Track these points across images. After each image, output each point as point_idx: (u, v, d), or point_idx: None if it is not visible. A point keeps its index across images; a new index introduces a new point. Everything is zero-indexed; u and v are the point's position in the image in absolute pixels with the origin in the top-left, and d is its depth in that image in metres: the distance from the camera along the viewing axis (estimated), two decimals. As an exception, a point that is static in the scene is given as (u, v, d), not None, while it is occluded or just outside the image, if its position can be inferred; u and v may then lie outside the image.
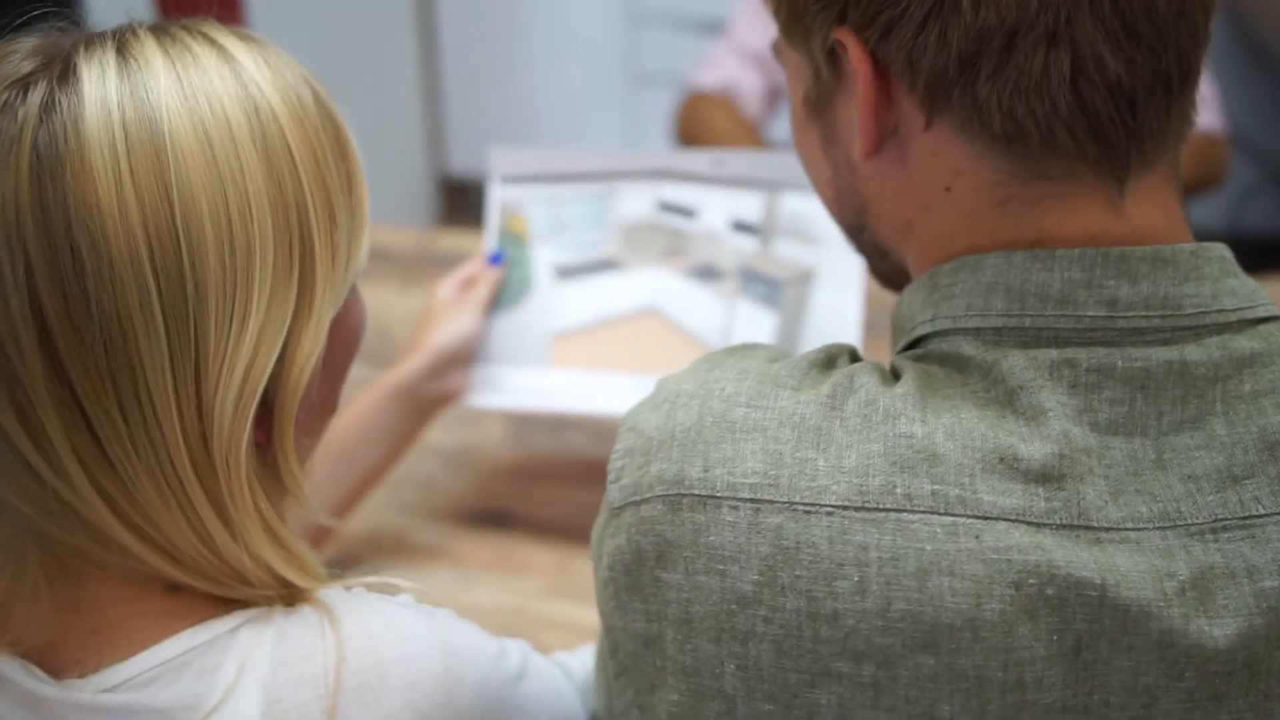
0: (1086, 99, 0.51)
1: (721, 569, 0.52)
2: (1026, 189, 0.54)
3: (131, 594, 0.56)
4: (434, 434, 1.11)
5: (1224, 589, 0.49)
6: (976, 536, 0.49)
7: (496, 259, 1.09)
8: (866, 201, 0.61)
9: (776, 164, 1.05)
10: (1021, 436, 0.51)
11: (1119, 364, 0.51)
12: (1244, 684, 0.50)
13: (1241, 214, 2.57)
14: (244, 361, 0.53)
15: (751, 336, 1.05)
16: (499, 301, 1.09)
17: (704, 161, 1.07)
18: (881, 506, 0.50)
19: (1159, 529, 0.50)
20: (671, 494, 0.54)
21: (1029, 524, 0.49)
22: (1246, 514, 0.50)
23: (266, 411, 0.56)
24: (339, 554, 0.99)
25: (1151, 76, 0.51)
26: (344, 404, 0.67)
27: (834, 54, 0.56)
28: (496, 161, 1.10)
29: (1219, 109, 1.61)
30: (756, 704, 0.52)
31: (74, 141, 0.50)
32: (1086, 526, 0.50)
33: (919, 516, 0.50)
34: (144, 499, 0.53)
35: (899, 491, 0.50)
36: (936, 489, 0.50)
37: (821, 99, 0.59)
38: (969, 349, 0.53)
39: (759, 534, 0.52)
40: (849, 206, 0.63)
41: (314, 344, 0.57)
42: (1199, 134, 1.38)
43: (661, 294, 1.08)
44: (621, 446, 0.58)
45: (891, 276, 0.66)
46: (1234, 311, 0.53)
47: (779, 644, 0.51)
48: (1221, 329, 0.52)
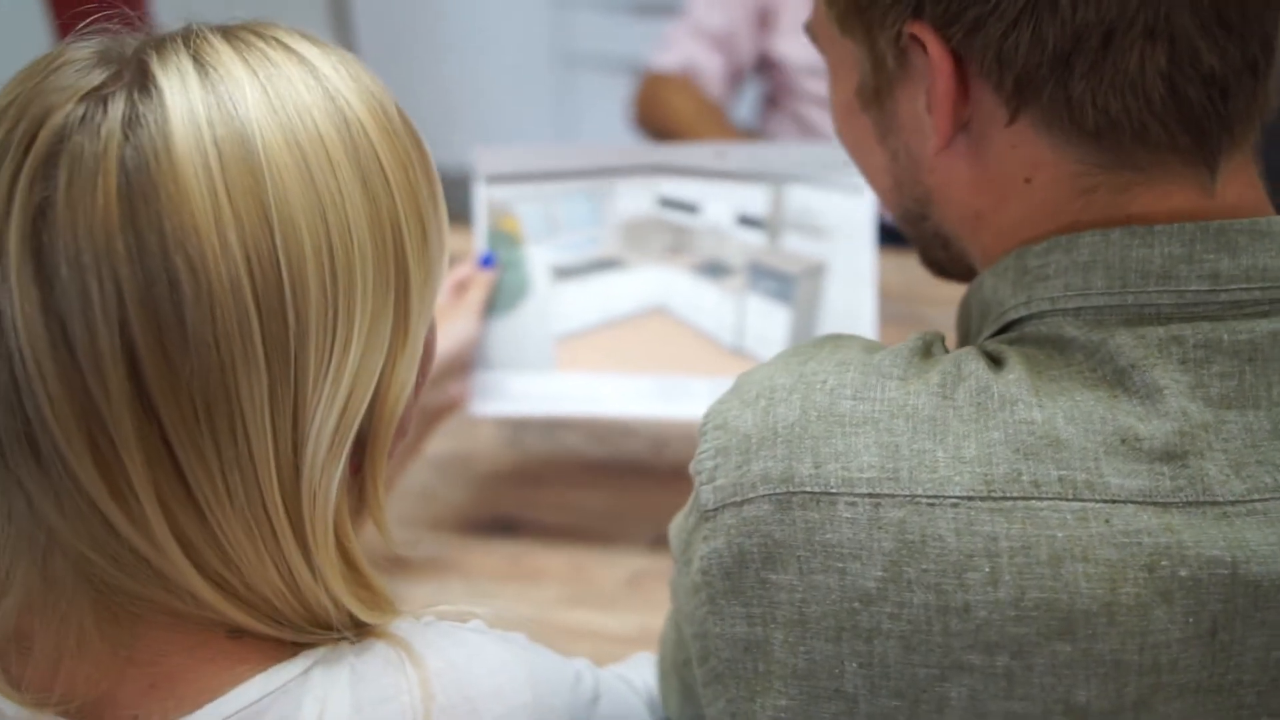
0: (1181, 91, 0.51)
1: (841, 567, 0.51)
2: (1113, 178, 0.54)
3: (192, 641, 0.52)
4: (427, 442, 1.08)
5: None
6: (1107, 521, 0.49)
7: (488, 261, 1.05)
8: (930, 191, 0.60)
9: (781, 156, 1.04)
10: (1139, 416, 0.51)
11: (1225, 337, 0.51)
12: None
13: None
14: (344, 391, 0.50)
15: (764, 332, 1.03)
16: (495, 305, 1.06)
17: (705, 155, 1.05)
18: (1008, 495, 0.50)
19: None
20: (780, 493, 0.53)
21: (1156, 504, 0.49)
22: None
23: (358, 442, 0.53)
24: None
25: (1240, 63, 0.52)
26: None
27: (901, 47, 0.55)
28: (481, 161, 1.06)
29: None
30: (881, 701, 0.52)
31: (165, 159, 0.46)
32: (1212, 502, 0.50)
33: (1048, 503, 0.50)
34: (230, 542, 0.49)
35: (1025, 479, 0.50)
36: (1063, 474, 0.50)
37: (880, 90, 0.59)
38: (1071, 329, 0.53)
39: (880, 529, 0.51)
40: (909, 195, 0.62)
41: (409, 370, 0.54)
42: None
43: (668, 292, 1.06)
44: (711, 446, 0.56)
45: (948, 265, 0.66)
46: None
47: (906, 640, 0.51)
48: None
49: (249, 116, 0.47)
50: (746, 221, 1.05)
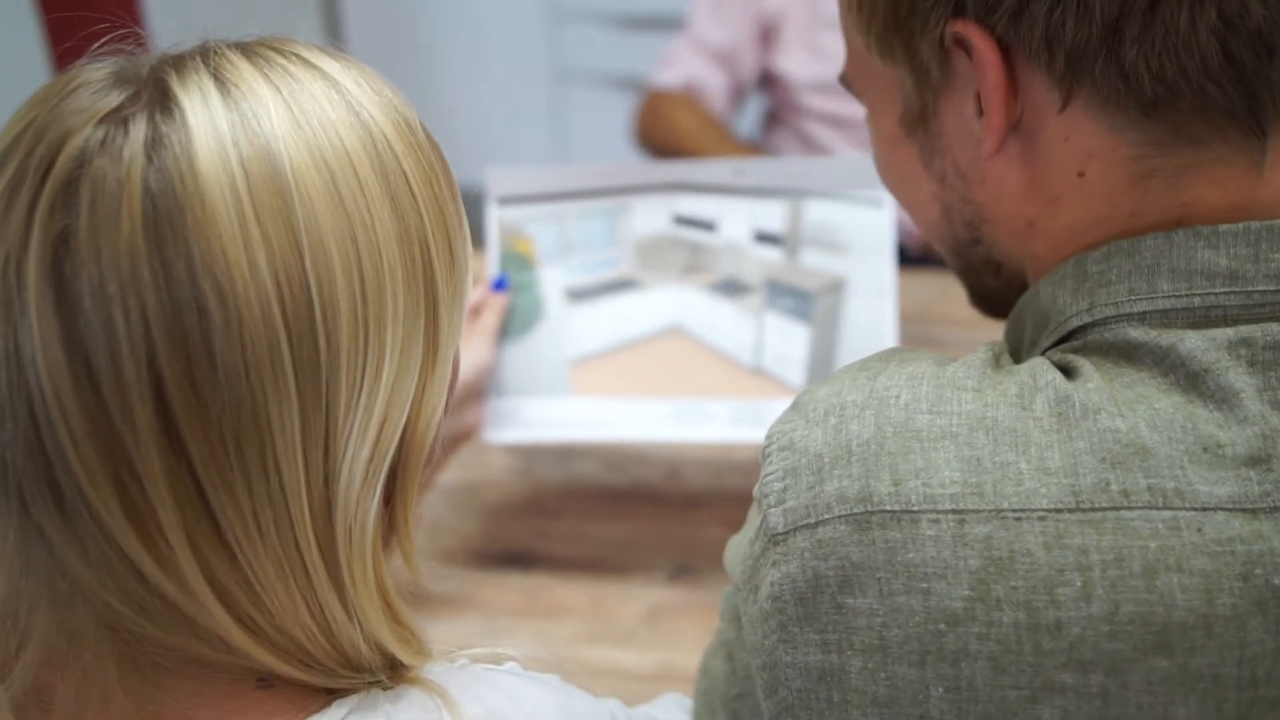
0: (1233, 51, 0.50)
1: (925, 587, 0.49)
2: (1170, 159, 0.52)
3: (220, 693, 0.49)
4: (439, 472, 1.04)
5: None
6: (1199, 529, 0.48)
7: (501, 284, 1.02)
8: (981, 208, 0.59)
9: (800, 170, 1.01)
10: (1218, 422, 0.49)
11: None
12: None
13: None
14: (377, 418, 0.47)
15: (784, 351, 1.00)
16: (508, 329, 1.02)
17: (723, 172, 1.02)
18: (1097, 506, 0.48)
19: None
20: (857, 513, 0.50)
21: (1245, 511, 0.48)
22: None
23: (388, 471, 0.50)
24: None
25: None
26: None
27: (945, 50, 0.54)
28: (493, 183, 1.03)
29: None
30: None
31: (191, 183, 0.43)
32: None
33: (1138, 513, 0.48)
34: (261, 582, 0.46)
35: (1114, 489, 0.48)
36: (1152, 483, 0.48)
37: (924, 109, 0.57)
38: (1137, 334, 0.52)
39: (966, 546, 0.49)
40: (960, 219, 0.60)
41: (440, 394, 0.51)
42: None
43: (684, 312, 1.03)
44: (779, 467, 0.53)
45: (999, 294, 0.64)
46: None
47: (996, 660, 0.49)
48: None
49: (274, 134, 0.45)
50: (764, 238, 1.01)
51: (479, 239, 0.98)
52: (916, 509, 0.49)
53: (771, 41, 1.68)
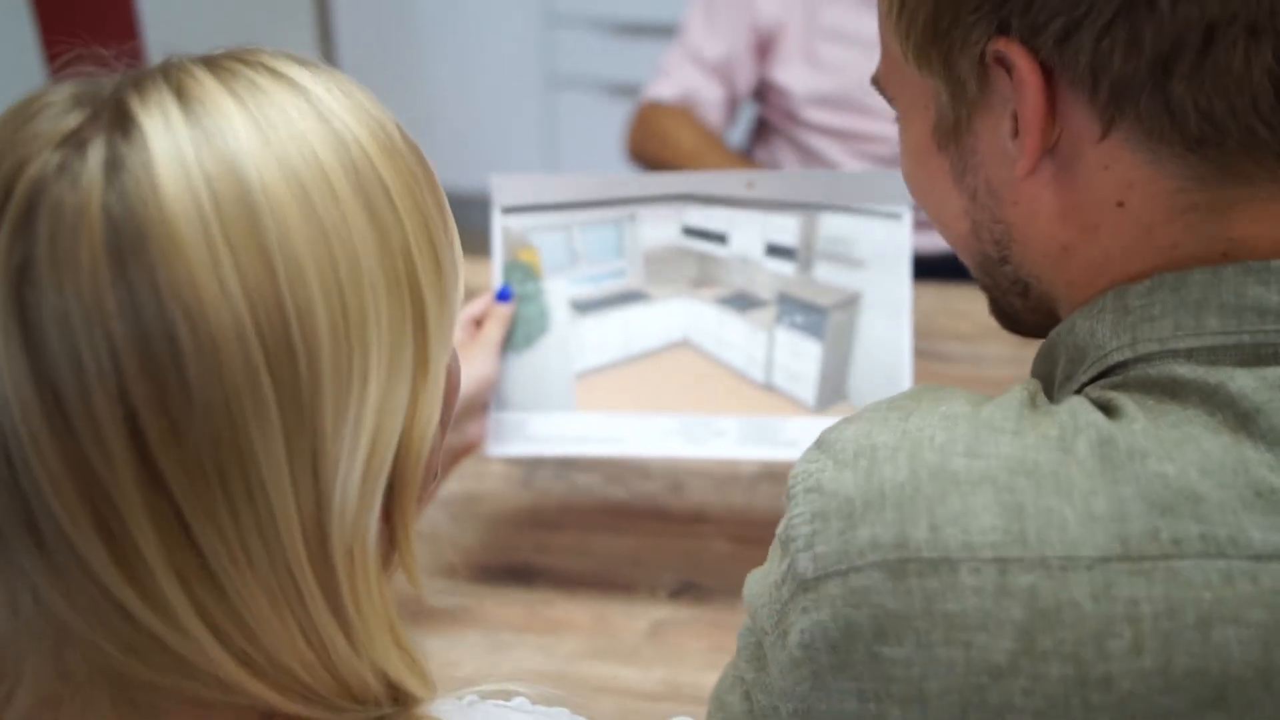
0: None
1: (966, 639, 0.48)
2: (1214, 194, 0.51)
3: None
4: (438, 482, 1.02)
5: None
6: (1254, 579, 0.46)
7: (505, 295, 1.00)
8: (1012, 228, 0.57)
9: (813, 184, 0.99)
10: (1270, 465, 0.47)
11: None
12: None
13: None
14: (367, 436, 0.45)
15: (795, 368, 0.99)
16: (512, 341, 1.00)
17: (734, 183, 1.00)
18: (1148, 555, 0.47)
19: None
20: (892, 560, 0.49)
21: None
22: None
23: (387, 487, 0.48)
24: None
25: None
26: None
27: (985, 67, 0.52)
28: (498, 191, 1.01)
29: None
30: None
31: (154, 205, 0.41)
32: None
33: (1190, 562, 0.46)
34: (255, 615, 0.44)
35: (1165, 537, 0.47)
36: (1204, 530, 0.47)
37: (958, 123, 0.56)
38: (1184, 372, 0.50)
39: (1009, 597, 0.47)
40: (989, 237, 0.59)
41: (433, 405, 0.49)
42: None
43: (693, 326, 1.01)
44: (806, 510, 0.52)
45: (1023, 315, 0.62)
46: None
47: (1042, 715, 0.47)
48: None
49: (240, 150, 0.43)
50: (776, 251, 1.00)
51: (482, 246, 0.96)
52: (955, 557, 0.48)
53: (768, 53, 1.67)
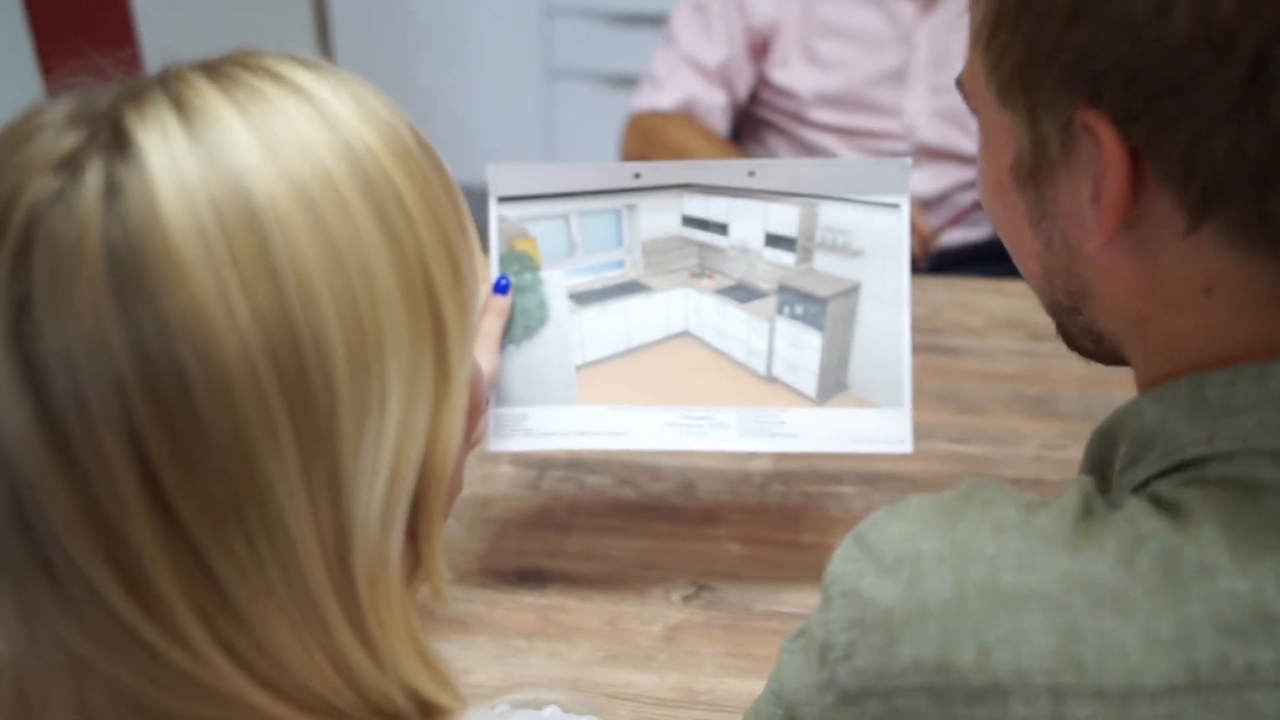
0: None
1: None
2: None
3: None
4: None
5: None
6: None
7: (503, 287, 0.98)
8: (1089, 285, 0.53)
9: (815, 173, 0.97)
10: None
11: None
12: None
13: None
14: (388, 457, 0.44)
15: (795, 358, 0.97)
16: (512, 334, 0.98)
17: (737, 173, 0.98)
18: (1218, 684, 0.43)
19: None
20: (937, 685, 0.45)
21: None
22: None
23: (410, 507, 0.47)
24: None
25: None
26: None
27: (1070, 131, 0.49)
28: (494, 180, 0.99)
29: None
30: None
31: (155, 231, 0.39)
32: None
33: (1264, 692, 0.43)
34: (278, 646, 0.43)
35: (1237, 664, 0.43)
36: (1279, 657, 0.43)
37: (1038, 171, 0.52)
38: (1268, 474, 0.46)
39: None
40: (1062, 287, 0.55)
41: (457, 419, 0.47)
42: None
43: (694, 317, 0.99)
44: (844, 615, 0.48)
45: (1094, 355, 0.59)
46: None
47: None
48: None
49: (244, 166, 0.41)
50: (776, 241, 0.98)
51: (481, 238, 0.95)
52: (1006, 684, 0.44)
53: (765, 53, 1.64)
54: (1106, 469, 0.54)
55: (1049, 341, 0.61)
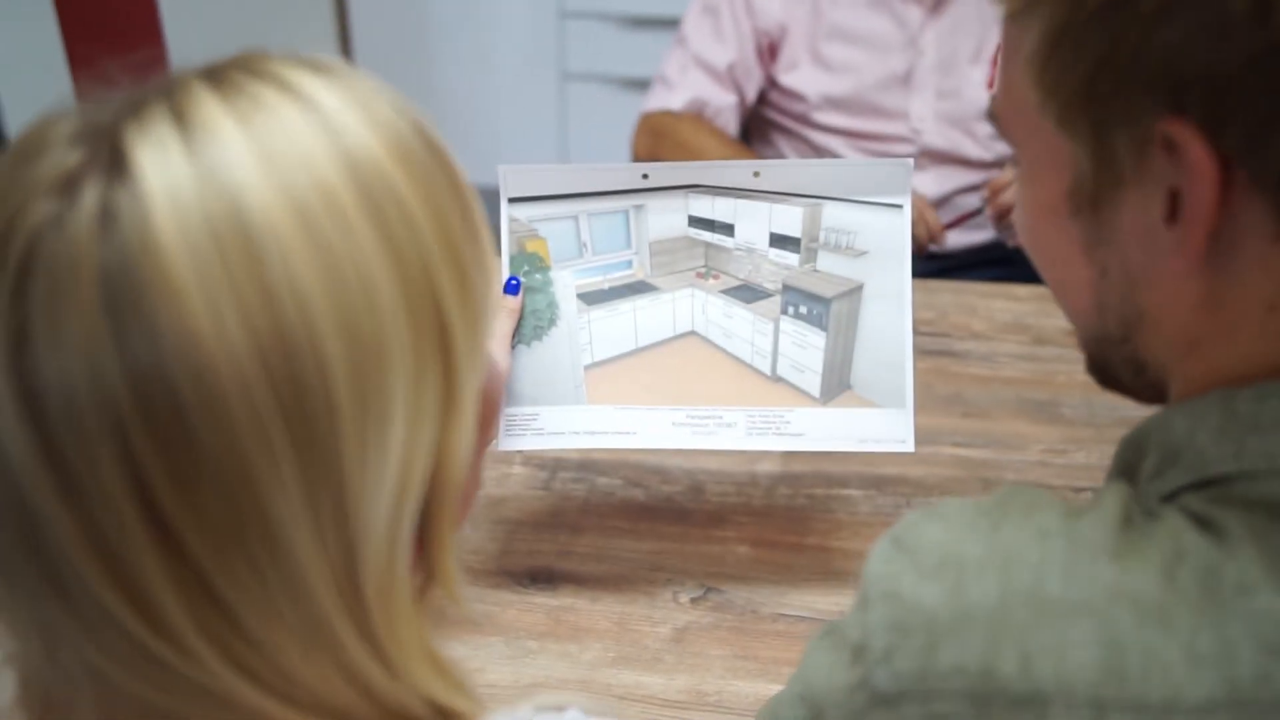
0: None
1: None
2: None
3: None
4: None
5: None
6: None
7: (513, 288, 0.99)
8: (1144, 313, 0.52)
9: (818, 174, 0.98)
10: None
11: None
12: None
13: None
14: (395, 472, 0.44)
15: (799, 358, 0.98)
16: (521, 334, 0.99)
17: (742, 174, 1.00)
18: (1259, 700, 0.43)
19: None
20: (978, 691, 0.45)
21: None
22: None
23: (421, 519, 0.47)
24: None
25: None
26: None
27: (1147, 146, 0.47)
28: (505, 181, 1.00)
29: None
30: None
31: (150, 257, 0.38)
32: None
33: None
34: (291, 664, 0.43)
35: (1278, 681, 0.43)
36: None
37: (1099, 194, 0.50)
38: None
39: None
40: (1114, 317, 0.54)
41: (467, 431, 0.47)
42: None
43: (700, 316, 1.01)
44: (883, 618, 0.48)
45: (1128, 386, 0.58)
46: None
47: None
48: None
49: (242, 183, 0.40)
50: (780, 241, 0.99)
51: (493, 239, 0.96)
52: (1048, 693, 0.44)
53: (774, 56, 1.66)
54: (1134, 475, 0.54)
55: (1053, 346, 0.62)
